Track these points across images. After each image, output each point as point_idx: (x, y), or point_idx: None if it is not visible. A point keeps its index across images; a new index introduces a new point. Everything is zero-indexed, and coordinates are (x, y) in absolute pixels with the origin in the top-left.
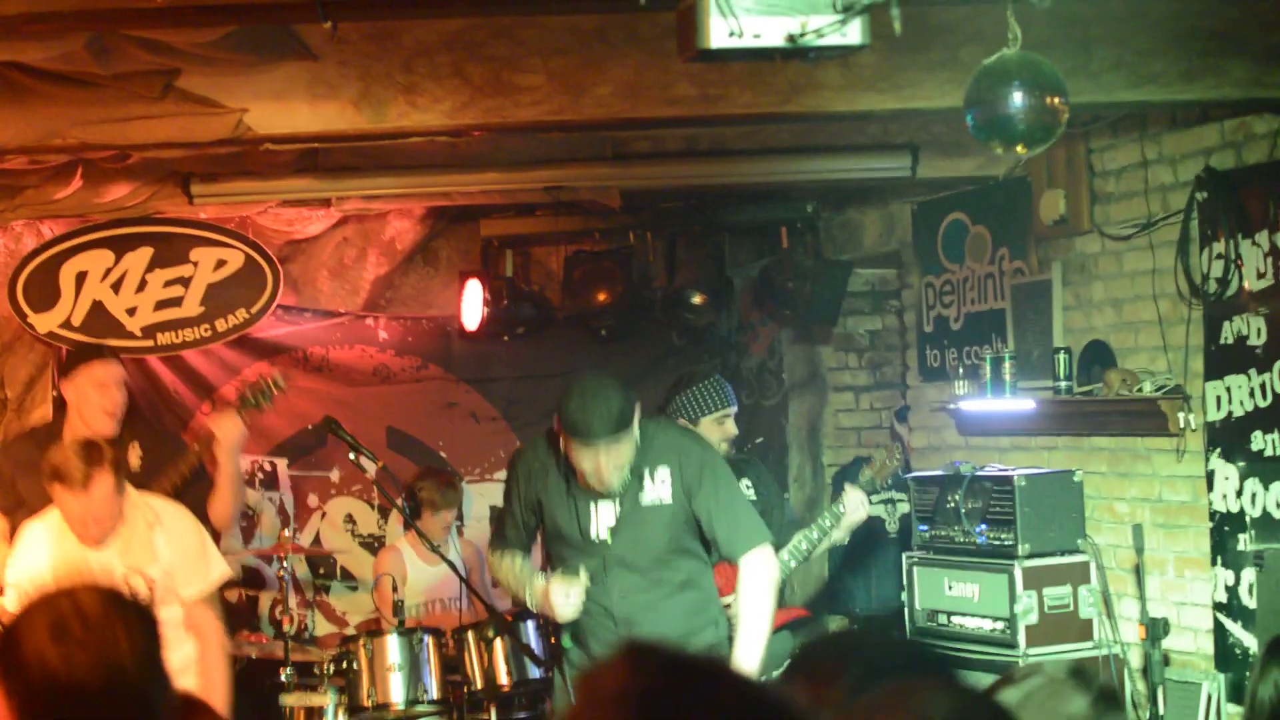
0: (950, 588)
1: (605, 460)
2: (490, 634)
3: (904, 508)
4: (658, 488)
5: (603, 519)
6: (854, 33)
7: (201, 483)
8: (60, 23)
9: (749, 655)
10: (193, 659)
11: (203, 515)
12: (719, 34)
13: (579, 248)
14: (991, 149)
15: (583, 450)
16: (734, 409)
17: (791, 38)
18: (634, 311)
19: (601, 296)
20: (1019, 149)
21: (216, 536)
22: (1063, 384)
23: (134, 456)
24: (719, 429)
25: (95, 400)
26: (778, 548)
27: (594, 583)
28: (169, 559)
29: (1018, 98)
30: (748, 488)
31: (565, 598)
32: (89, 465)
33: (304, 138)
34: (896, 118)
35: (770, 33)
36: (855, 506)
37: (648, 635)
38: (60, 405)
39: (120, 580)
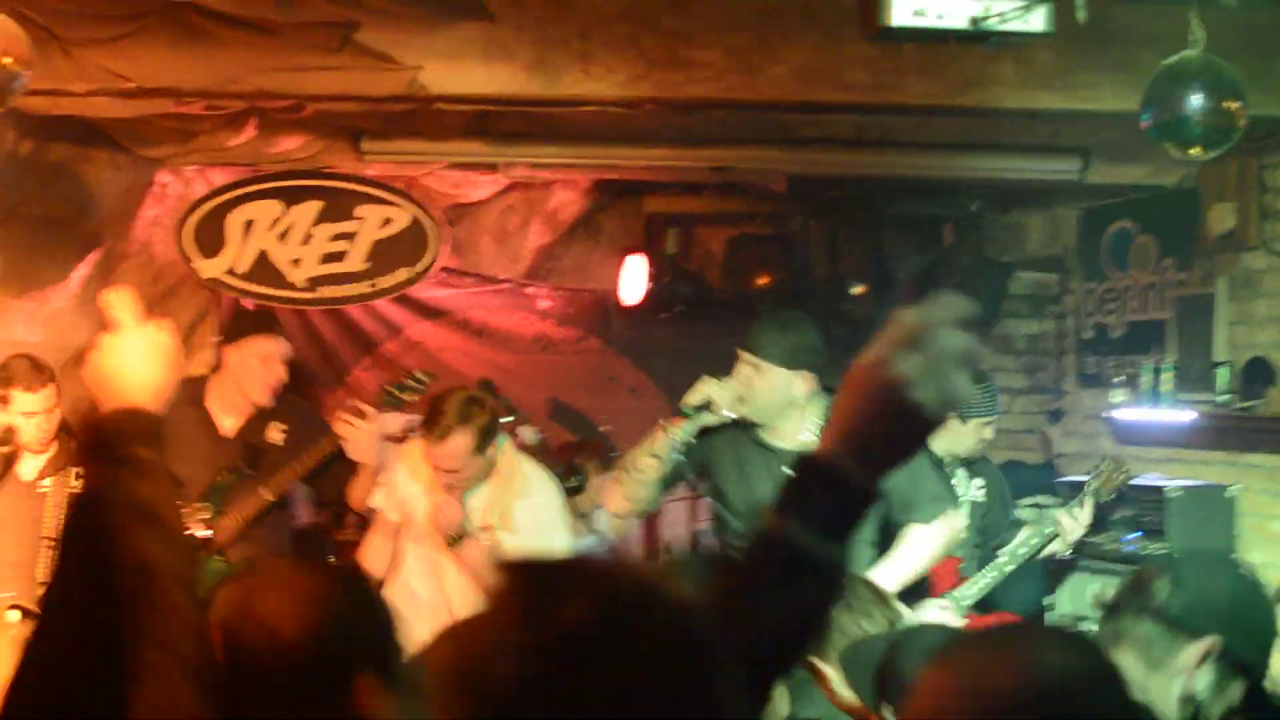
0: (1102, 593)
1: (749, 378)
2: None
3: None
4: None
5: None
6: (1037, 20)
7: (341, 463)
8: None
9: (889, 572)
10: None
11: (340, 494)
12: (902, 12)
13: (741, 230)
14: (1166, 150)
15: (739, 360)
16: (997, 416)
17: (974, 20)
18: (793, 297)
19: (761, 280)
20: (1194, 152)
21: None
22: (1222, 398)
23: (277, 434)
24: (979, 432)
25: (259, 373)
26: (999, 548)
27: None
28: (523, 532)
29: (1196, 99)
30: (979, 488)
31: (718, 383)
32: (456, 421)
33: (476, 99)
34: (1068, 119)
35: (953, 14)
36: (1071, 521)
37: None
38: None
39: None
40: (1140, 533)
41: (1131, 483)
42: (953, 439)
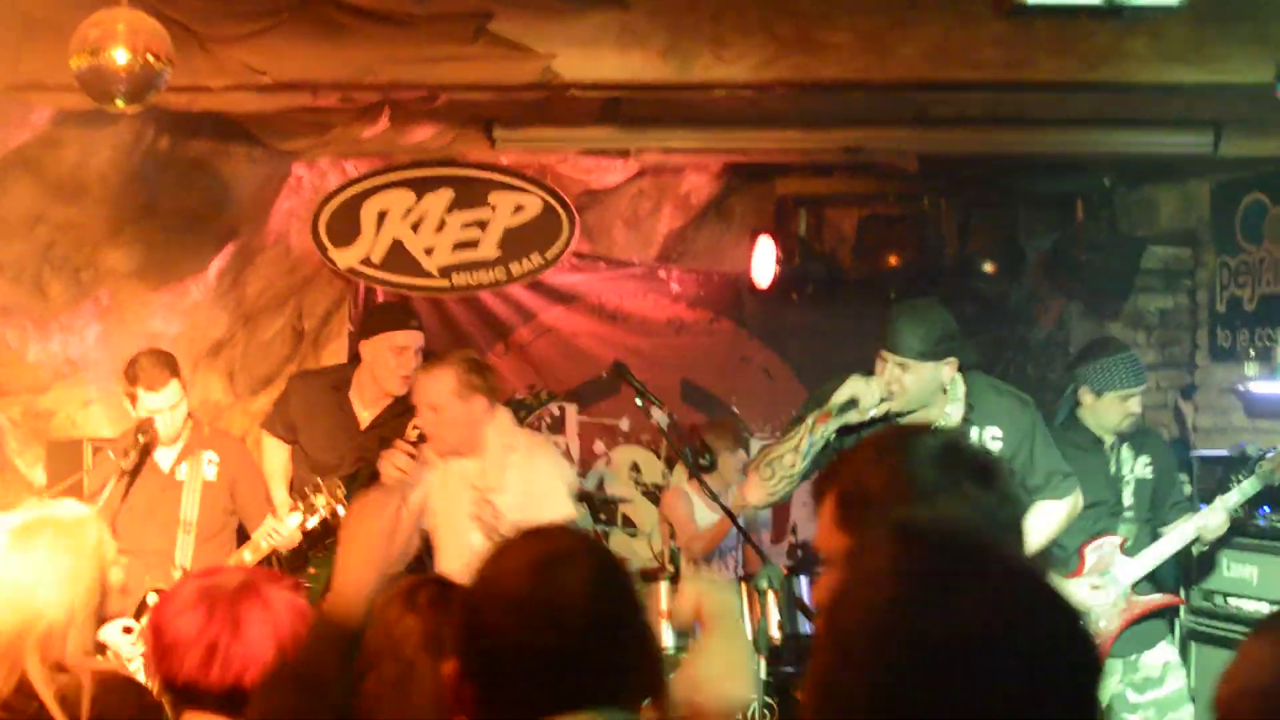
0: (1228, 569)
1: (898, 377)
2: (764, 585)
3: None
4: (988, 445)
5: None
6: None
7: None
8: None
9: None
10: None
11: None
12: None
13: (872, 210)
14: None
15: (882, 357)
16: (1142, 388)
17: None
18: (924, 277)
19: (892, 260)
20: None
21: None
22: None
23: (413, 434)
24: (1121, 405)
25: (391, 364)
26: (1163, 523)
27: None
28: (516, 492)
29: None
30: (1145, 465)
31: (865, 382)
32: (443, 360)
33: (609, 86)
34: (1201, 92)
35: None
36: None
37: None
38: (355, 351)
39: (476, 502)
40: (1273, 506)
41: (1265, 454)
42: (1094, 414)
